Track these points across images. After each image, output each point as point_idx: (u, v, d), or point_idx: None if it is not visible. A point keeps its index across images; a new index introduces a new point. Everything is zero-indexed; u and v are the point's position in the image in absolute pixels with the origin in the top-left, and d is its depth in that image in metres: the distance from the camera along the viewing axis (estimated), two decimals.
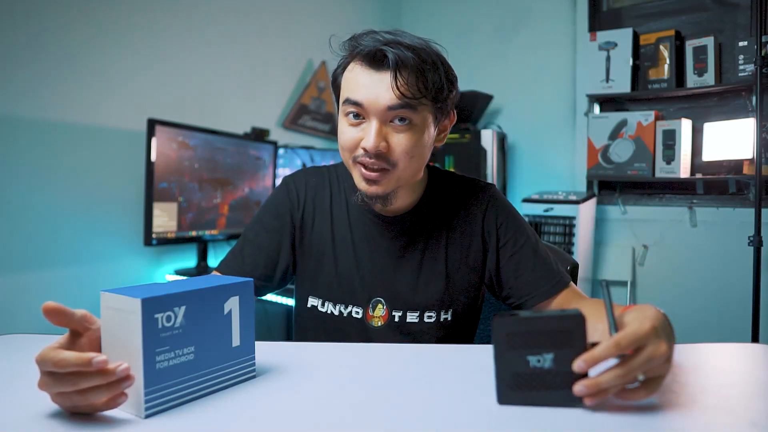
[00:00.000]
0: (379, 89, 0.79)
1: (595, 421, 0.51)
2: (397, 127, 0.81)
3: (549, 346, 0.54)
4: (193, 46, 2.17)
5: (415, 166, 0.85)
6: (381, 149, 0.80)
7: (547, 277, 0.89)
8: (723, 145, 2.32)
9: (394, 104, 0.79)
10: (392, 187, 0.84)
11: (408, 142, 0.81)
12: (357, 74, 0.81)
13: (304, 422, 0.52)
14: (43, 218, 1.72)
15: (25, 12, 1.66)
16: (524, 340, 0.54)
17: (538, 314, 0.56)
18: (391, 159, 0.81)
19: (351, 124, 0.82)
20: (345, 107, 0.83)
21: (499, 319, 0.55)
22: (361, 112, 0.81)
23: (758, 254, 1.93)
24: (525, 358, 0.54)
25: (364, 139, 0.80)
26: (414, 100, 0.79)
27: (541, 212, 2.48)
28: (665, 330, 0.55)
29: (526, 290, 0.89)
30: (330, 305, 0.92)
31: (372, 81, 0.79)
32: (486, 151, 2.71)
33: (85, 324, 0.54)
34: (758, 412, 0.53)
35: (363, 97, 0.79)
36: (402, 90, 0.78)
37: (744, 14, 2.39)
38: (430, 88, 0.80)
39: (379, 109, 0.79)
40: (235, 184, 2.20)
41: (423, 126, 0.83)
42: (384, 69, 0.79)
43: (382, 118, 0.80)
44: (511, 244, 0.91)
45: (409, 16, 3.33)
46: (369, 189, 0.83)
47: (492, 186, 0.98)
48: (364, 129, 0.81)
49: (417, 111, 0.81)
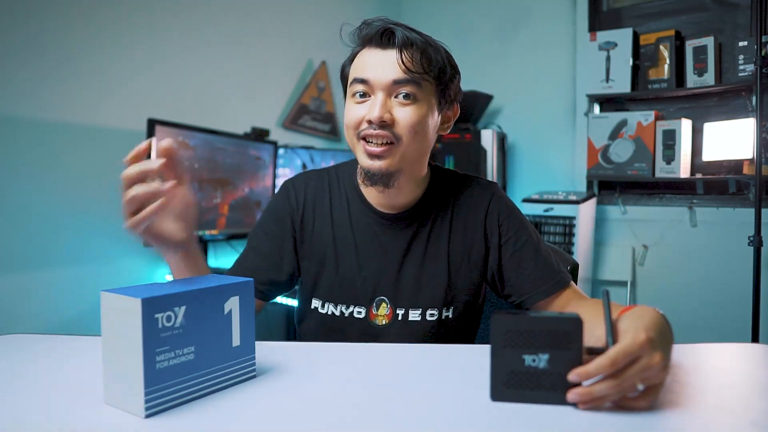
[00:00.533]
0: (385, 65, 0.82)
1: (595, 421, 0.51)
2: (401, 102, 0.83)
3: (545, 346, 0.54)
4: (193, 46, 2.17)
5: (418, 144, 0.85)
6: (385, 119, 0.81)
7: (548, 275, 0.89)
8: (723, 145, 2.32)
9: (399, 78, 0.81)
10: (396, 164, 0.84)
11: (412, 116, 0.83)
12: (365, 56, 0.85)
13: (304, 422, 0.52)
14: (43, 218, 1.72)
15: (25, 12, 1.66)
16: (521, 338, 0.55)
17: (538, 314, 0.57)
18: (396, 132, 0.83)
19: (357, 102, 0.85)
20: (352, 87, 0.85)
21: (498, 317, 0.55)
22: (367, 89, 0.83)
23: (758, 254, 1.93)
24: (521, 356, 0.55)
25: (369, 111, 0.82)
26: (417, 75, 0.82)
27: (541, 212, 2.48)
28: (662, 338, 0.55)
29: (527, 288, 0.89)
30: (331, 306, 0.92)
31: (379, 59, 0.83)
32: (486, 151, 2.71)
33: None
34: (758, 412, 0.53)
35: (370, 73, 0.83)
36: (407, 64, 0.81)
37: (744, 14, 2.39)
38: (434, 66, 0.84)
39: (385, 83, 0.82)
40: (235, 184, 2.20)
41: (427, 104, 0.85)
42: (391, 47, 0.83)
43: (387, 91, 0.82)
44: (513, 241, 0.92)
45: (409, 16, 3.33)
46: (373, 165, 0.84)
47: (494, 184, 0.98)
48: (370, 105, 0.83)
49: (421, 87, 0.83)
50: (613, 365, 0.51)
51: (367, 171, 0.85)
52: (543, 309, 0.89)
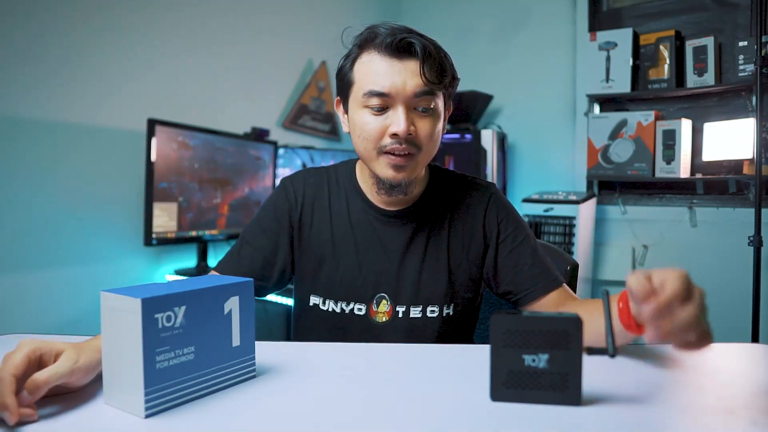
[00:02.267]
0: (404, 76, 0.81)
1: (595, 420, 0.51)
2: (420, 113, 0.84)
3: (545, 346, 0.54)
4: (193, 46, 2.17)
5: (432, 152, 0.88)
6: (411, 133, 0.82)
7: (544, 274, 0.91)
8: (723, 145, 2.32)
9: (420, 91, 0.82)
10: (416, 172, 0.87)
11: (431, 128, 0.85)
12: (377, 64, 0.83)
13: (304, 422, 0.52)
14: (43, 218, 1.72)
15: (25, 12, 1.66)
16: (521, 338, 0.55)
17: (537, 314, 0.57)
18: (417, 144, 0.84)
19: (374, 114, 0.84)
20: (367, 99, 0.83)
21: (498, 317, 0.55)
22: (386, 101, 0.83)
23: (758, 254, 1.93)
24: (520, 356, 0.55)
25: (393, 125, 0.82)
26: (437, 86, 0.83)
27: (541, 212, 2.47)
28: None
29: (523, 285, 0.90)
30: (331, 303, 0.93)
31: (396, 69, 0.82)
32: (486, 151, 2.71)
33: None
34: (758, 412, 0.53)
35: (389, 85, 0.81)
36: (428, 77, 0.81)
37: (744, 14, 2.39)
38: (448, 76, 0.85)
39: (407, 96, 0.82)
40: (235, 184, 2.20)
41: (440, 113, 0.87)
42: (407, 57, 0.82)
43: (408, 104, 0.82)
44: (510, 239, 0.93)
45: (409, 17, 3.33)
46: (397, 176, 0.85)
47: (493, 185, 0.99)
48: (389, 117, 0.83)
49: (437, 97, 0.85)
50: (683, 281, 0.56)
51: (391, 182, 0.86)
52: (538, 307, 0.89)
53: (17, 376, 0.51)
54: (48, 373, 0.52)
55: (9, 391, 0.49)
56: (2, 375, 0.50)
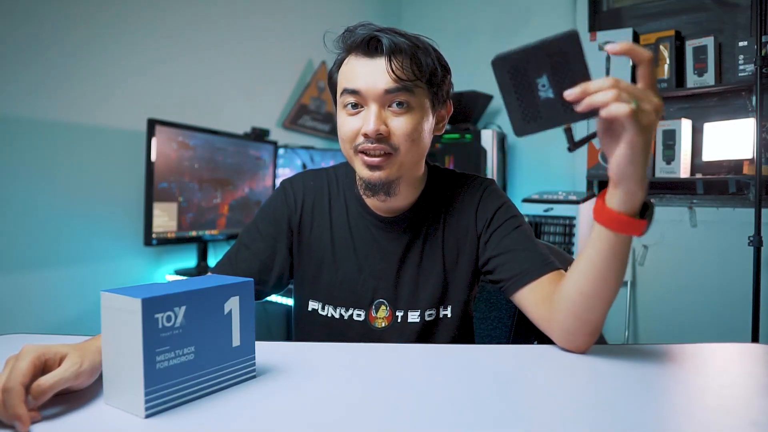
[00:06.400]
0: (375, 75, 0.80)
1: (595, 420, 0.51)
2: (395, 111, 0.82)
3: (548, 69, 0.58)
4: (193, 46, 2.17)
5: (416, 151, 0.85)
6: (381, 132, 0.81)
7: (538, 258, 0.86)
8: (723, 145, 2.32)
9: (390, 87, 0.80)
10: (395, 173, 0.84)
11: (407, 125, 0.82)
12: (353, 65, 0.83)
13: (304, 422, 0.52)
14: (43, 218, 1.72)
15: (25, 12, 1.66)
16: (525, 72, 0.59)
17: (530, 43, 0.60)
18: (392, 143, 0.82)
19: (350, 114, 0.83)
20: (343, 98, 0.83)
21: (498, 61, 0.60)
22: (359, 100, 0.82)
23: (758, 254, 1.93)
24: (531, 89, 0.60)
25: (364, 124, 0.81)
26: (409, 83, 0.81)
27: (541, 212, 2.47)
28: None
29: (517, 269, 0.85)
30: (330, 308, 0.92)
31: (368, 68, 0.81)
32: (486, 151, 2.71)
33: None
34: (758, 412, 0.53)
35: (360, 84, 0.81)
36: (397, 73, 0.79)
37: (744, 14, 2.39)
38: (425, 71, 0.82)
39: (377, 94, 0.80)
40: (235, 184, 2.20)
41: (421, 110, 0.84)
42: (379, 55, 0.81)
43: (380, 102, 0.81)
44: (503, 227, 0.90)
45: (409, 17, 3.33)
46: (372, 176, 0.83)
47: (489, 180, 0.97)
48: (363, 116, 0.82)
49: (414, 94, 0.82)
50: (614, 81, 0.58)
51: (368, 182, 0.84)
52: (535, 292, 0.84)
53: (25, 384, 0.51)
54: (54, 378, 0.52)
55: (20, 402, 0.50)
56: (11, 385, 0.50)
